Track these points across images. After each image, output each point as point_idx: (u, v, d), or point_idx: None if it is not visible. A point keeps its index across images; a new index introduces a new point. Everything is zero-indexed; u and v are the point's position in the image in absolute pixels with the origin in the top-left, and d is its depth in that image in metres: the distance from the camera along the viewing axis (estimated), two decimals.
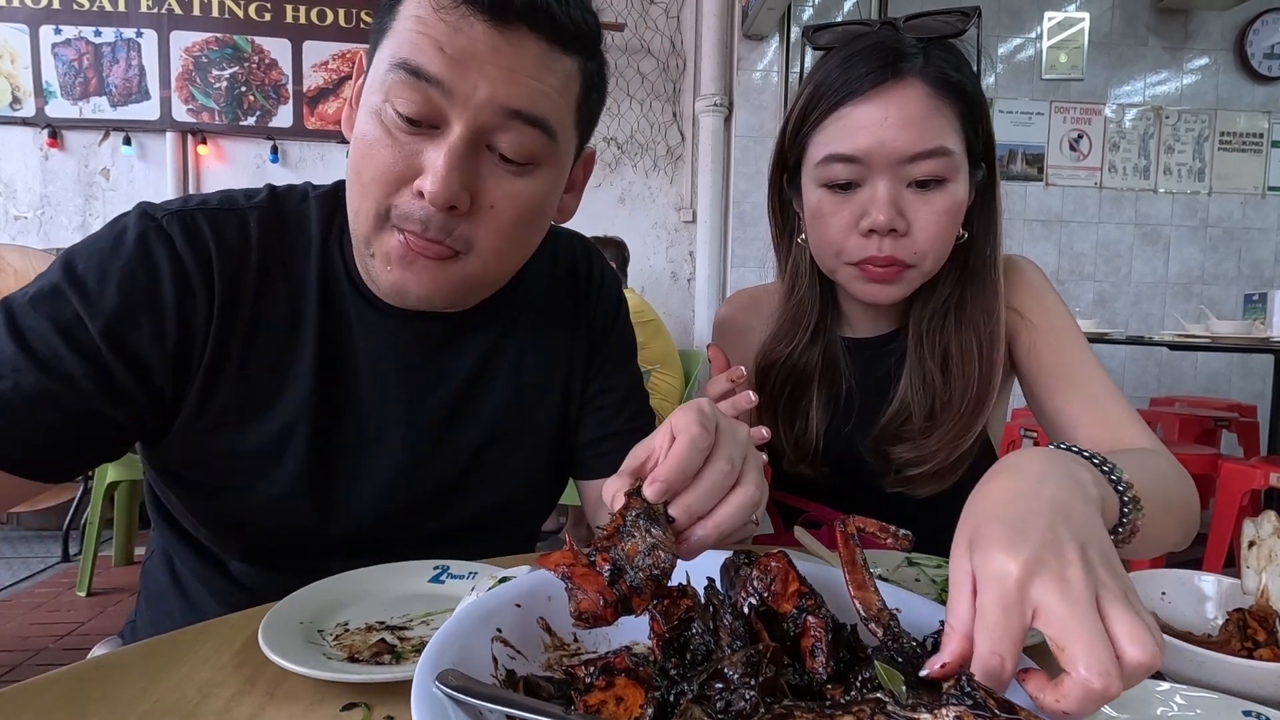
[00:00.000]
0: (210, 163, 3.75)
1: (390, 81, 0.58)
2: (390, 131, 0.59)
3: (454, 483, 0.76)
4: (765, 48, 3.74)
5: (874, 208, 0.77)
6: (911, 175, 0.77)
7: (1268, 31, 4.25)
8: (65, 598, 2.50)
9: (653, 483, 0.42)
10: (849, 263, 0.82)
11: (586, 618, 0.38)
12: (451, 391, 0.75)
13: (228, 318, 0.65)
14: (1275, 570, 0.53)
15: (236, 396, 0.67)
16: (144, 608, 0.80)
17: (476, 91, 0.58)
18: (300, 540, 0.72)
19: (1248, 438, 3.63)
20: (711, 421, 0.45)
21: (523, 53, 0.58)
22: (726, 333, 1.02)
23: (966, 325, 0.85)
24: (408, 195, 0.60)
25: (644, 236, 3.93)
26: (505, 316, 0.78)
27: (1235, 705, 0.44)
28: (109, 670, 0.48)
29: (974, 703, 0.32)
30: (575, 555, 0.40)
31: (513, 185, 0.62)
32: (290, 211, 0.72)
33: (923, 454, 0.84)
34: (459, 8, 0.57)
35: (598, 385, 0.83)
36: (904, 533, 0.44)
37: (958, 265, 0.85)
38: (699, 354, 3.48)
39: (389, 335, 0.72)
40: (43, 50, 3.59)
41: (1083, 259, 4.31)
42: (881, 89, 0.76)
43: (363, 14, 3.74)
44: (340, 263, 0.72)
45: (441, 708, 0.33)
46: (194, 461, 0.68)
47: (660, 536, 0.41)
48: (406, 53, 0.57)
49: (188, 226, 0.64)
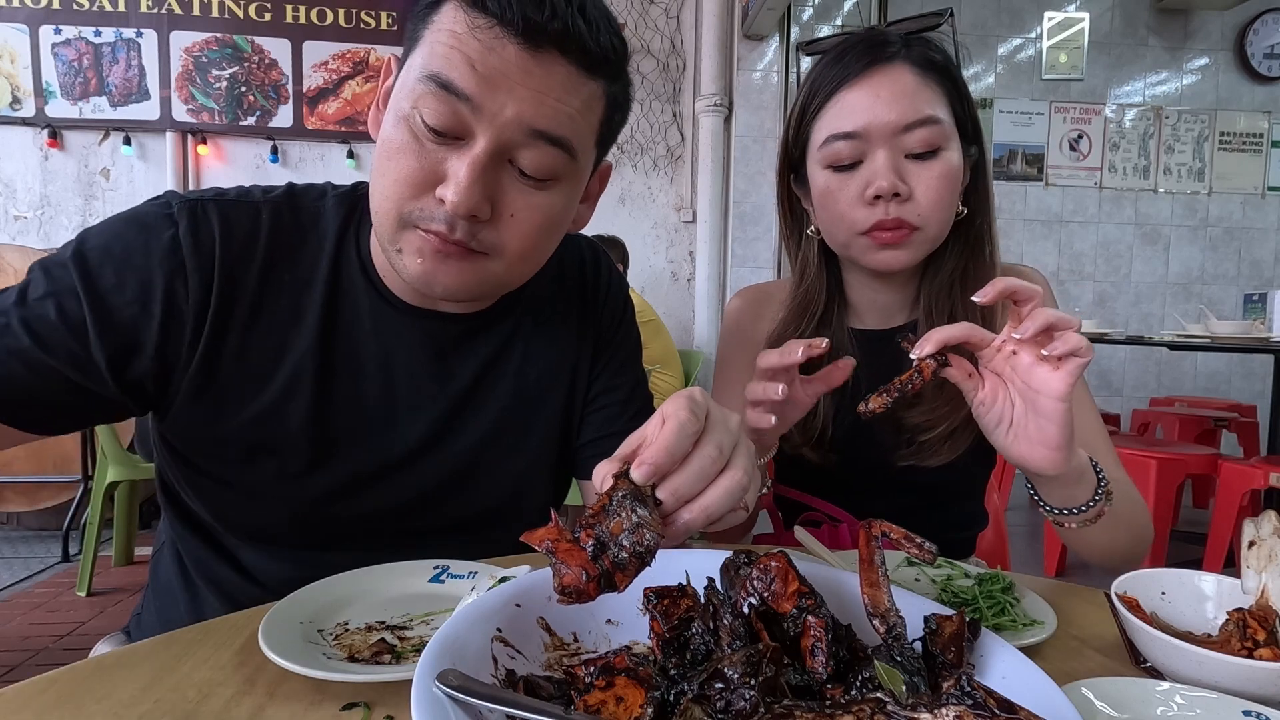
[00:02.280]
0: (210, 163, 3.75)
1: (420, 91, 0.60)
2: (417, 138, 0.61)
3: (456, 477, 0.77)
4: (765, 48, 3.74)
5: (876, 176, 0.83)
6: (907, 146, 0.83)
7: (1268, 31, 4.25)
8: (65, 598, 2.50)
9: (640, 465, 0.43)
10: (860, 233, 0.86)
11: (569, 592, 0.38)
12: (459, 388, 0.76)
13: (228, 305, 0.67)
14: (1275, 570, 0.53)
15: (234, 381, 0.69)
16: (151, 600, 0.82)
17: (504, 110, 0.59)
18: (302, 527, 0.73)
19: (1248, 438, 3.63)
20: (702, 408, 0.47)
21: (552, 76, 0.60)
22: (737, 325, 1.04)
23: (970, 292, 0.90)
24: (430, 200, 0.62)
25: (644, 236, 3.93)
26: (514, 317, 0.80)
27: (1235, 705, 0.44)
28: (109, 670, 0.48)
29: (974, 703, 0.32)
30: (560, 531, 0.40)
31: (532, 198, 0.64)
32: (305, 208, 0.74)
33: (933, 417, 0.88)
34: (493, 28, 0.58)
35: (601, 385, 0.84)
36: (929, 546, 0.44)
37: (959, 239, 0.92)
38: (699, 354, 3.48)
39: (402, 331, 0.74)
40: (43, 50, 3.59)
41: (1083, 259, 4.31)
42: (871, 72, 0.84)
43: (363, 14, 3.74)
44: (356, 259, 0.73)
45: (441, 708, 0.33)
46: (199, 443, 0.70)
47: (645, 516, 0.41)
48: (438, 66, 0.59)
49: (195, 215, 0.67)
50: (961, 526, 1.02)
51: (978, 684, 0.33)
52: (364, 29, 3.75)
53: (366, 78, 3.77)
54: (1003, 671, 0.41)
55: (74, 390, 0.63)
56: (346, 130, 3.77)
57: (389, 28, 3.77)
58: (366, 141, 3.80)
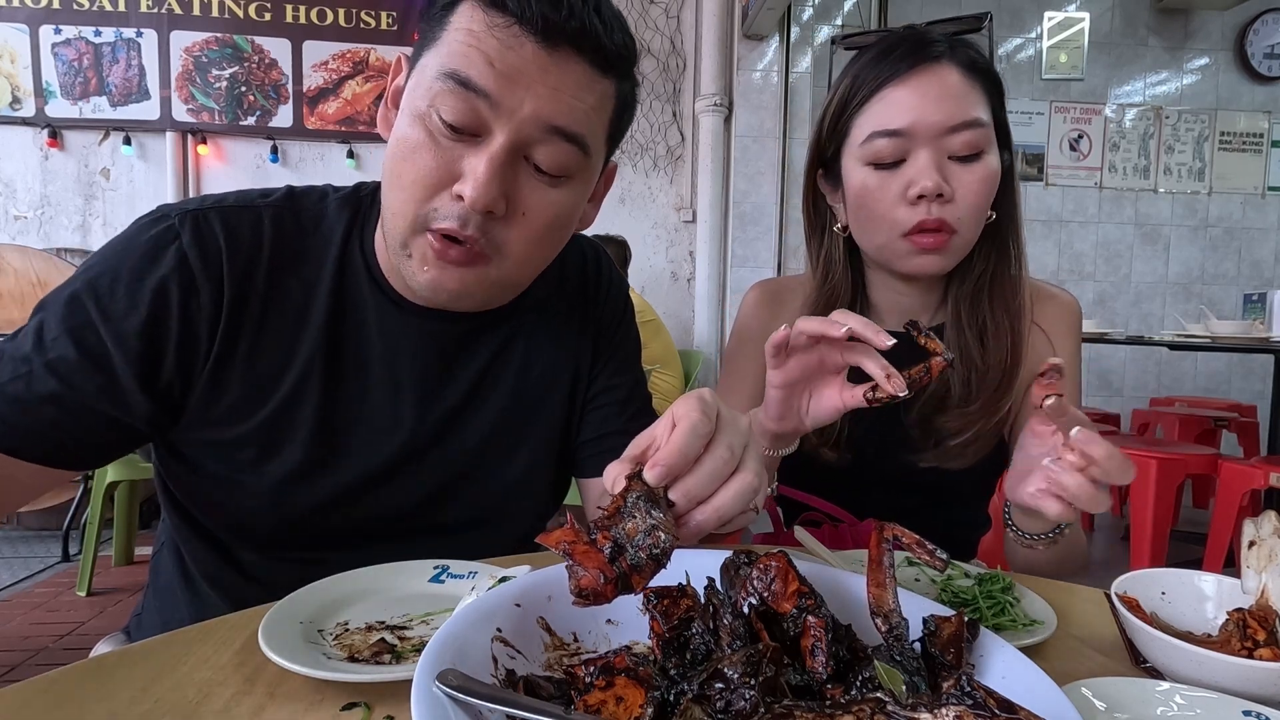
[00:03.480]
0: (210, 163, 3.75)
1: (438, 89, 0.60)
2: (433, 136, 0.61)
3: (459, 476, 0.77)
4: (765, 48, 3.74)
5: (921, 175, 0.82)
6: (951, 148, 0.83)
7: (1268, 31, 4.25)
8: (65, 598, 2.50)
9: (654, 466, 0.43)
10: (902, 234, 0.85)
11: (587, 594, 0.38)
12: (462, 387, 0.77)
13: (238, 312, 0.67)
14: (1275, 570, 0.53)
15: (244, 387, 0.69)
16: (152, 600, 0.82)
17: (522, 106, 0.60)
18: (306, 528, 0.73)
19: (1248, 438, 3.63)
20: (712, 409, 0.47)
21: (567, 74, 0.61)
22: (754, 318, 1.03)
23: (998, 298, 0.91)
24: (447, 197, 0.62)
25: (644, 236, 3.93)
26: (516, 318, 0.80)
27: (1235, 705, 0.44)
28: (109, 670, 0.47)
29: (974, 703, 0.32)
30: (576, 533, 0.40)
31: (546, 195, 0.65)
32: (307, 210, 0.74)
33: (965, 422, 0.89)
34: (511, 27, 0.59)
35: (601, 384, 0.85)
36: (941, 553, 0.44)
37: (987, 244, 0.91)
38: (699, 354, 3.48)
39: (407, 331, 0.74)
40: (43, 50, 3.59)
41: (1083, 259, 4.31)
42: (918, 71, 0.83)
43: (363, 14, 3.74)
44: (360, 260, 0.73)
45: (441, 707, 0.33)
46: (204, 448, 0.70)
47: (660, 518, 0.41)
48: (456, 64, 0.60)
49: (198, 224, 0.67)
50: (965, 528, 1.02)
51: (978, 684, 0.33)
52: (364, 29, 3.75)
53: (366, 78, 3.77)
54: (1002, 671, 0.41)
55: (110, 424, 0.64)
56: (347, 130, 3.77)
57: (389, 28, 3.77)
58: (367, 141, 3.80)
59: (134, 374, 0.63)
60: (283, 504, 0.71)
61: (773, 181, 3.77)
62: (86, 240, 3.71)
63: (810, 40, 3.84)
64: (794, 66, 3.77)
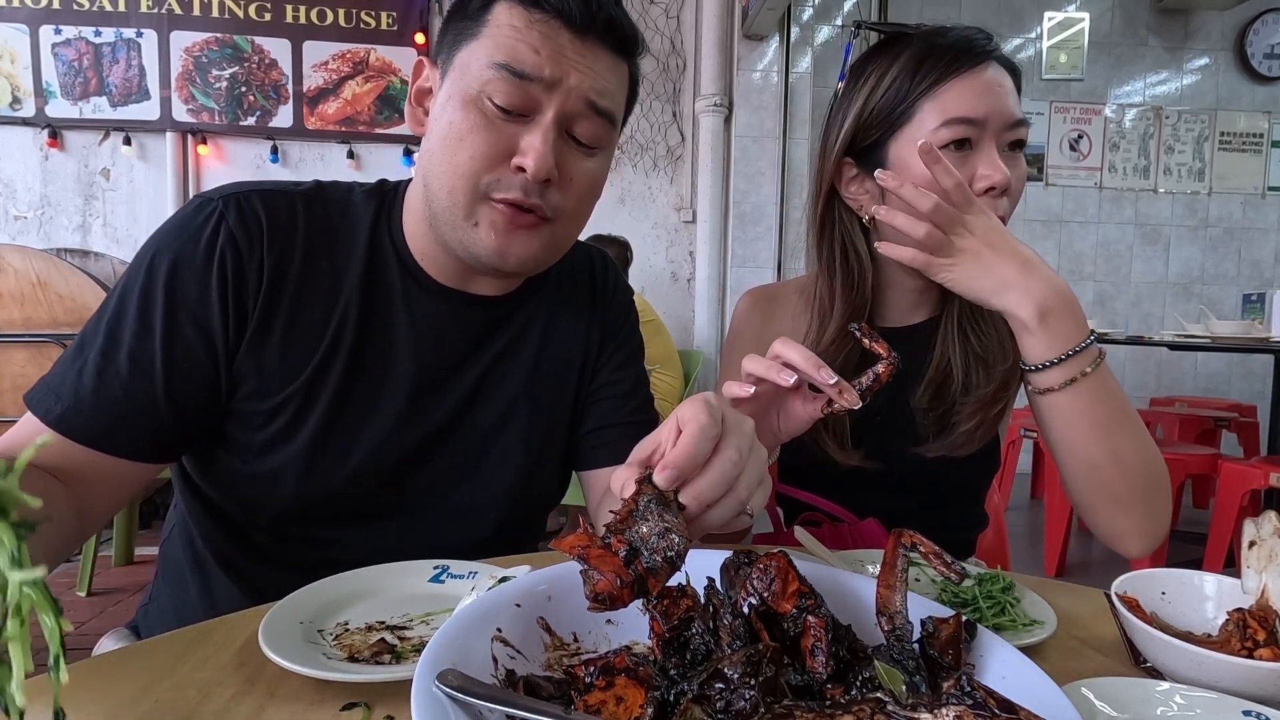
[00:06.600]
0: (210, 163, 3.75)
1: (489, 77, 0.68)
2: (487, 118, 0.68)
3: (472, 457, 0.80)
4: (765, 48, 3.74)
5: (995, 168, 0.82)
6: (1007, 141, 0.84)
7: (1268, 31, 4.26)
8: (65, 598, 2.49)
9: (664, 469, 0.43)
10: None
11: (603, 599, 0.38)
12: (479, 370, 0.80)
13: (276, 288, 0.72)
14: (1275, 570, 0.53)
15: (277, 362, 0.72)
16: (161, 588, 0.83)
17: (567, 79, 0.68)
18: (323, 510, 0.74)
19: (1248, 438, 3.63)
20: (718, 413, 0.47)
21: (599, 59, 0.71)
22: (746, 327, 1.02)
23: None
24: (505, 171, 0.69)
25: (644, 236, 3.93)
26: (531, 306, 0.84)
27: (1235, 705, 0.44)
28: (109, 670, 0.48)
29: (974, 703, 0.32)
30: (590, 538, 0.40)
31: (584, 164, 0.73)
32: (335, 199, 0.79)
33: (976, 405, 0.90)
34: (549, 21, 0.68)
35: (604, 378, 0.88)
36: (959, 565, 0.44)
37: None
38: (699, 354, 3.48)
39: (432, 312, 0.78)
40: (43, 50, 3.59)
41: (1083, 259, 4.31)
42: (987, 64, 0.84)
43: (363, 14, 3.74)
44: (389, 245, 0.78)
45: (441, 707, 0.33)
46: (233, 419, 0.72)
47: (673, 521, 0.41)
48: (505, 56, 0.67)
49: (240, 206, 0.72)
50: (962, 528, 1.02)
51: (978, 684, 0.33)
52: (364, 29, 3.75)
53: (366, 78, 3.77)
54: (1002, 671, 0.41)
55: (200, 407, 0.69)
56: (346, 130, 3.77)
57: (389, 28, 3.77)
58: (366, 141, 3.80)
59: (218, 351, 0.69)
60: (306, 477, 0.73)
61: (773, 181, 3.77)
62: (86, 240, 3.71)
63: (810, 40, 3.84)
64: (794, 66, 3.77)
